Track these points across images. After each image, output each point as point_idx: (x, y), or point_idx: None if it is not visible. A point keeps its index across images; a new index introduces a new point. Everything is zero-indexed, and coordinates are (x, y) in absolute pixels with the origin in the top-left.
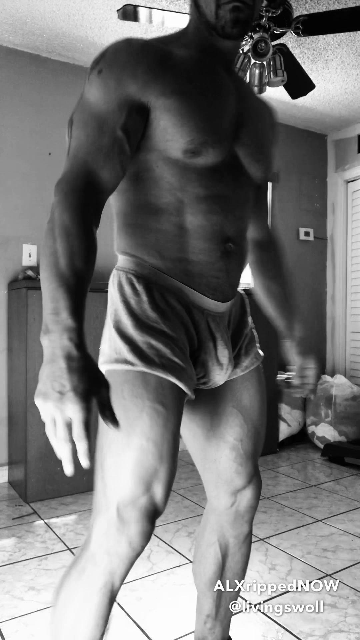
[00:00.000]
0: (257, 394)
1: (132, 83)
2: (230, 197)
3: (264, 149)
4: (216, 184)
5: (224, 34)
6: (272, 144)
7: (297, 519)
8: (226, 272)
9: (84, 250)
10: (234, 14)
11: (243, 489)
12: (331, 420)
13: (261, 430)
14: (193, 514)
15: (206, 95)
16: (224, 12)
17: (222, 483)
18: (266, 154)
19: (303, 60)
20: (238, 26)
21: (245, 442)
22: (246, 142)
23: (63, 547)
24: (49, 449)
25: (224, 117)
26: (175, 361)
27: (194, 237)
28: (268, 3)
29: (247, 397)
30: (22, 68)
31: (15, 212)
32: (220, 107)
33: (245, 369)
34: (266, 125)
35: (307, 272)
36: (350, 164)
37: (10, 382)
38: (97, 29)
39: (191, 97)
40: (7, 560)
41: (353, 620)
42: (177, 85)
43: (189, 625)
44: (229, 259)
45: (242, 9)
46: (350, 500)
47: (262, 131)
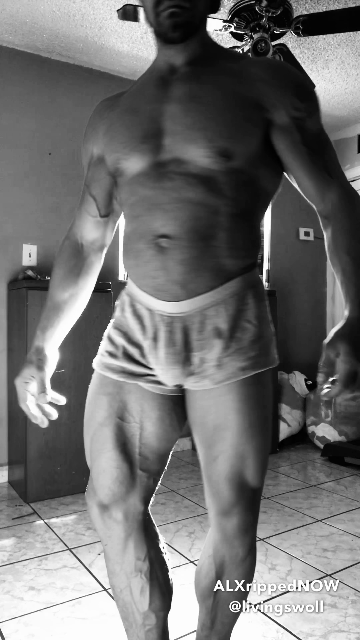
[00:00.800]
0: (233, 412)
1: (91, 145)
2: (158, 194)
3: (202, 125)
4: (140, 188)
5: (167, 39)
6: (225, 111)
7: (297, 519)
8: (164, 270)
9: (58, 298)
10: (172, 19)
11: (227, 515)
12: (331, 420)
13: (244, 452)
14: (193, 514)
15: (124, 119)
16: (162, 18)
17: (207, 499)
18: (208, 128)
19: (303, 60)
20: (178, 30)
21: (211, 466)
22: (174, 131)
23: (63, 547)
24: (49, 449)
25: (134, 131)
26: (112, 362)
27: (132, 241)
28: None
29: (214, 414)
30: (22, 68)
31: (15, 212)
32: (133, 123)
33: (218, 382)
34: (213, 97)
35: (307, 272)
36: (350, 164)
37: (10, 382)
38: (97, 29)
39: (114, 127)
40: (7, 560)
41: (353, 620)
42: (110, 124)
43: (189, 626)
44: (164, 256)
45: (179, 14)
46: (350, 500)
47: (198, 109)
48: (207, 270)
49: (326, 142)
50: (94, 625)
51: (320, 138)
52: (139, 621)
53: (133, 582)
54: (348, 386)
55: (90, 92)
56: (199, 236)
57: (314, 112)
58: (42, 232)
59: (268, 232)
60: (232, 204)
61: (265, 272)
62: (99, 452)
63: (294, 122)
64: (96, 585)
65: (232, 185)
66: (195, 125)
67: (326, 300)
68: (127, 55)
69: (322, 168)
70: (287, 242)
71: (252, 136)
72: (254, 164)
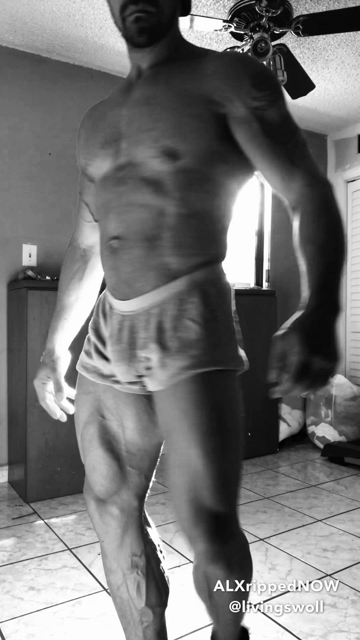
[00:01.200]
0: (177, 413)
1: (77, 153)
2: (113, 198)
3: (149, 126)
4: (102, 192)
5: (134, 44)
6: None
7: (297, 519)
8: (115, 270)
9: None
10: (137, 24)
11: (189, 539)
12: (331, 420)
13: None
14: None
15: (94, 126)
16: (128, 23)
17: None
18: (154, 128)
19: (303, 60)
20: (144, 35)
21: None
22: (128, 135)
23: (63, 547)
24: (49, 449)
25: (97, 137)
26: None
27: (100, 244)
28: (268, 3)
29: (164, 417)
30: (22, 68)
31: (15, 212)
32: (98, 129)
33: (165, 383)
34: (163, 98)
35: None
36: (350, 164)
37: (10, 382)
38: (97, 29)
39: (87, 134)
40: (7, 560)
41: (353, 620)
42: (86, 131)
43: (188, 625)
44: (115, 256)
45: (144, 19)
46: (350, 500)
47: (150, 111)
48: (152, 270)
49: (292, 130)
50: (94, 625)
51: (284, 126)
52: (136, 618)
53: (129, 578)
54: (299, 381)
55: (90, 92)
56: (144, 237)
57: (275, 100)
58: (42, 232)
59: (268, 232)
60: (179, 204)
61: (266, 272)
62: (88, 450)
63: (252, 113)
64: (96, 585)
65: (180, 185)
66: (143, 127)
67: None
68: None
69: (285, 158)
70: (287, 242)
71: (200, 133)
72: (206, 161)
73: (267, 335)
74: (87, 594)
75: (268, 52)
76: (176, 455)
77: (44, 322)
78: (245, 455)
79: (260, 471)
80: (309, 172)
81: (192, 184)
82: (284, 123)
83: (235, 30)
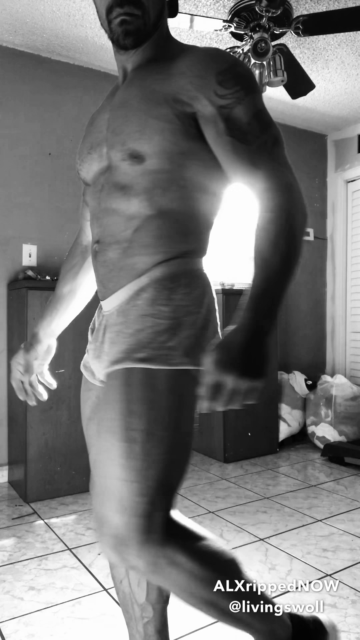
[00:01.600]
0: (100, 412)
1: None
2: (95, 204)
3: (120, 129)
4: (89, 197)
5: (120, 46)
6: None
7: (297, 519)
8: (96, 272)
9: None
10: (122, 27)
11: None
12: (331, 420)
13: (97, 467)
14: (193, 514)
15: (86, 132)
16: (114, 26)
17: None
18: (123, 132)
19: (303, 60)
20: (129, 37)
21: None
22: (107, 139)
23: (63, 547)
24: (49, 449)
25: (86, 141)
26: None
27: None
28: (268, 3)
29: (97, 416)
30: (22, 68)
31: (15, 212)
32: (87, 135)
33: (101, 378)
34: (134, 100)
35: (307, 272)
36: (350, 164)
37: (10, 382)
38: (97, 29)
39: (82, 140)
40: (7, 560)
41: (353, 620)
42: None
43: (188, 625)
44: (96, 259)
45: (129, 21)
46: (350, 500)
47: (123, 114)
48: (121, 270)
49: (261, 129)
50: (94, 625)
51: (251, 125)
52: (137, 613)
53: (131, 573)
54: (213, 399)
55: (90, 92)
56: (115, 240)
57: (243, 97)
58: (42, 232)
59: None
60: (146, 205)
61: None
62: (91, 445)
63: (219, 112)
64: (96, 585)
65: (146, 187)
66: (116, 131)
67: (326, 300)
68: None
69: (247, 159)
70: None
71: (164, 134)
72: (175, 161)
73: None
74: (87, 594)
75: (268, 52)
76: (94, 453)
77: None
78: (245, 455)
79: (260, 471)
80: (270, 176)
81: (157, 185)
82: (252, 121)
83: (235, 30)
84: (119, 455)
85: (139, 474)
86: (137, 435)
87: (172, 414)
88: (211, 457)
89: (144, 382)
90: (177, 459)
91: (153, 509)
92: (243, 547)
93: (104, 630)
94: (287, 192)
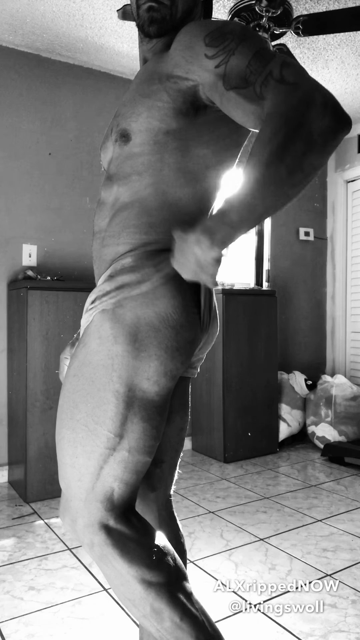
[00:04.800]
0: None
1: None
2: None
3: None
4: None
5: (144, 33)
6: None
7: (297, 519)
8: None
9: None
10: (149, 13)
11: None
12: (331, 420)
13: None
14: (193, 514)
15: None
16: (142, 11)
17: None
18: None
19: (303, 60)
20: (154, 25)
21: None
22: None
23: (63, 547)
24: (49, 449)
25: (106, 133)
26: None
27: None
28: (268, 3)
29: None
30: (22, 68)
31: (15, 212)
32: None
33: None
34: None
35: (307, 272)
36: (350, 164)
37: (10, 382)
38: (97, 29)
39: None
40: (7, 560)
41: (353, 620)
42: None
43: None
44: (94, 245)
45: (157, 9)
46: (350, 500)
47: (125, 99)
48: (100, 261)
49: (263, 63)
50: (94, 625)
51: (251, 65)
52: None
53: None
54: (181, 267)
55: (90, 92)
56: (98, 229)
57: (235, 47)
58: (42, 232)
59: (268, 232)
60: (122, 191)
61: (266, 272)
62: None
63: (215, 73)
64: (96, 585)
65: (126, 172)
66: (117, 114)
67: (326, 300)
68: (127, 55)
69: (254, 99)
70: (287, 242)
71: (151, 110)
72: (159, 141)
73: (267, 335)
74: (87, 594)
75: None
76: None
77: (44, 322)
78: (245, 455)
79: (260, 471)
80: (279, 100)
81: (135, 170)
82: (252, 61)
83: None
84: (66, 426)
85: (78, 461)
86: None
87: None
88: (211, 457)
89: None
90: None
91: (93, 498)
92: (243, 547)
93: (104, 630)
94: (303, 90)
